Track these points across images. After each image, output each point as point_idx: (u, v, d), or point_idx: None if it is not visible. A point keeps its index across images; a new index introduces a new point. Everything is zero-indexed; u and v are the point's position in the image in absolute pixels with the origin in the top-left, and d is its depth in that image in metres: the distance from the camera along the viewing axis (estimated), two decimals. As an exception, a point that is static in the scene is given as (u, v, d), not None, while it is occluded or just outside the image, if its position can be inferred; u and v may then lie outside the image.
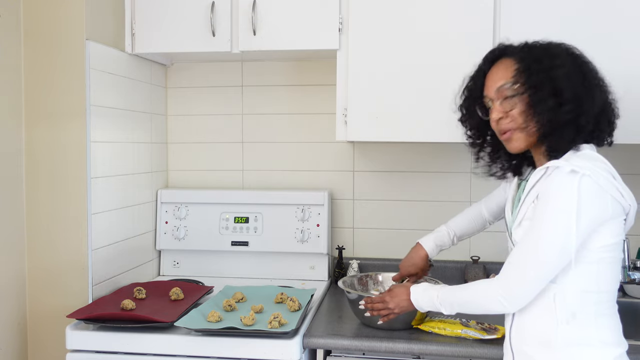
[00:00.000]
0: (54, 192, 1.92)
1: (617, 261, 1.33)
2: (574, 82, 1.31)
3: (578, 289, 1.30)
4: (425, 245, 1.75)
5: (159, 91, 2.43)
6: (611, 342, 1.32)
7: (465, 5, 1.90)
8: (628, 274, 2.00)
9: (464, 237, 1.78)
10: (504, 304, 1.32)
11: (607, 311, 1.33)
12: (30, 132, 1.92)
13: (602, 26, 1.82)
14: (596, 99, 1.33)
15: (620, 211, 1.30)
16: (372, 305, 1.65)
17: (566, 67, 1.32)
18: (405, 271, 1.79)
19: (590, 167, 1.25)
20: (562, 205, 1.25)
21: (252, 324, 1.68)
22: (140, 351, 1.70)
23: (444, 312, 1.44)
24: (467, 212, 1.79)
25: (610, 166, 1.31)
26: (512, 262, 1.33)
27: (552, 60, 1.33)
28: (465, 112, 1.50)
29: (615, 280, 1.34)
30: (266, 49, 2.06)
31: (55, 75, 1.90)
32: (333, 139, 2.14)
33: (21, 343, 1.94)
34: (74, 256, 1.91)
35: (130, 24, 2.11)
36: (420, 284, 1.54)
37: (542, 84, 1.31)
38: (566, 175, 1.25)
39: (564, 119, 1.30)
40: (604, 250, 1.29)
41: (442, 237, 1.75)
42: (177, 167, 2.52)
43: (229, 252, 2.36)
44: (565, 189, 1.25)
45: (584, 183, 1.24)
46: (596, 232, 1.28)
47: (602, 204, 1.26)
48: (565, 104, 1.29)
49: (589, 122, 1.32)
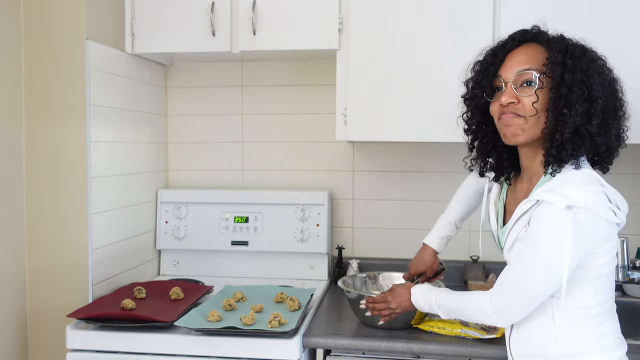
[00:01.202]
0: (55, 192, 1.92)
1: (613, 272, 1.31)
2: (607, 95, 1.24)
3: (578, 305, 1.28)
4: (430, 243, 1.74)
5: (159, 91, 2.44)
6: (611, 346, 1.31)
7: (465, 5, 1.90)
8: (628, 274, 1.99)
9: (465, 218, 1.76)
10: (495, 319, 1.31)
11: (606, 317, 1.31)
12: (31, 132, 1.92)
13: (602, 26, 1.82)
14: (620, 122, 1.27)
15: (614, 229, 1.26)
16: (373, 305, 1.64)
17: (602, 77, 1.25)
18: (414, 270, 1.77)
19: (585, 196, 1.19)
20: (555, 238, 1.20)
21: (252, 324, 1.68)
22: (140, 351, 1.70)
23: (442, 316, 1.44)
24: (460, 192, 1.75)
25: (602, 183, 1.25)
26: (504, 282, 1.29)
27: (590, 64, 1.25)
28: (473, 87, 1.38)
29: (612, 287, 1.33)
30: (266, 49, 2.06)
31: (55, 75, 1.90)
32: (333, 139, 2.14)
33: (21, 343, 1.94)
34: (74, 256, 1.91)
35: (131, 24, 2.12)
36: (422, 286, 1.53)
37: (578, 85, 1.22)
38: (560, 211, 1.18)
39: (590, 131, 1.22)
40: (602, 268, 1.27)
41: (444, 228, 1.74)
42: (177, 167, 2.52)
43: (229, 252, 2.36)
44: (558, 224, 1.19)
45: (579, 216, 1.18)
46: (592, 254, 1.24)
47: (596, 230, 1.22)
48: (596, 116, 1.22)
49: (604, 143, 1.25)
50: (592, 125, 1.23)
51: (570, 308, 1.28)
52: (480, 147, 1.43)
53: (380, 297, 1.64)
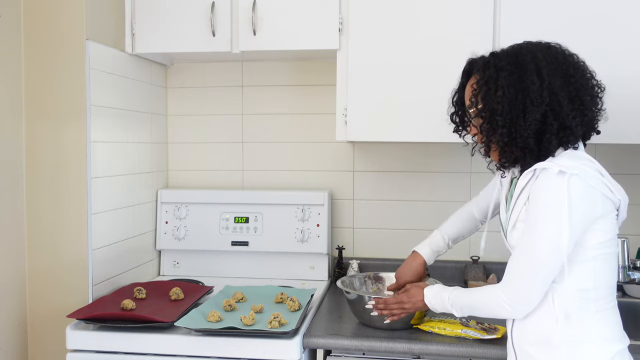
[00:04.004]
0: (54, 192, 1.92)
1: (612, 257, 1.33)
2: (508, 101, 1.31)
3: (575, 287, 1.30)
4: (421, 252, 1.74)
5: (159, 91, 2.43)
6: (611, 337, 1.32)
7: (465, 5, 1.90)
8: (628, 274, 1.99)
9: (458, 240, 1.76)
10: (509, 310, 1.33)
11: (606, 306, 1.33)
12: (31, 132, 1.92)
13: (604, 26, 1.82)
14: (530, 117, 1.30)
15: (611, 207, 1.30)
16: (385, 305, 1.64)
17: (503, 84, 1.32)
18: (402, 280, 1.74)
19: (577, 166, 1.26)
20: (553, 205, 1.25)
21: (252, 324, 1.68)
22: (140, 351, 1.70)
23: (456, 314, 1.45)
24: (458, 213, 1.77)
25: (597, 164, 1.31)
26: (512, 268, 1.33)
27: (495, 81, 1.33)
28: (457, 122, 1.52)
29: (612, 275, 1.34)
30: (266, 49, 2.06)
31: (55, 75, 1.90)
32: (333, 139, 2.14)
33: (21, 343, 1.94)
34: (74, 256, 1.91)
35: (131, 24, 2.12)
36: (434, 286, 1.54)
37: (483, 108, 1.34)
38: (554, 176, 1.26)
39: (503, 141, 1.33)
40: (598, 248, 1.30)
41: (437, 242, 1.74)
42: (177, 167, 2.52)
43: (229, 252, 2.36)
44: (554, 189, 1.25)
45: (572, 182, 1.24)
46: (589, 230, 1.28)
47: (591, 201, 1.27)
48: (498, 129, 1.33)
49: (527, 140, 1.31)
50: (502, 135, 1.33)
51: (569, 290, 1.30)
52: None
53: (394, 298, 1.63)
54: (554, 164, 1.26)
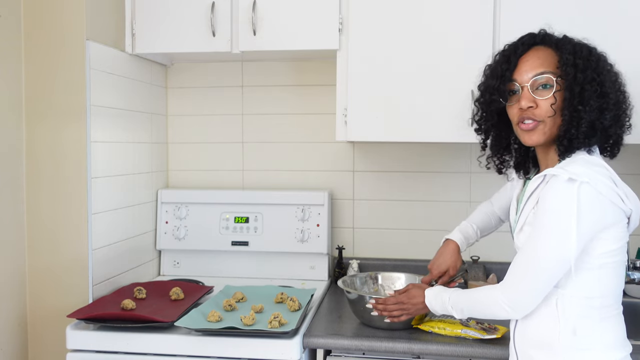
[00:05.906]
0: (54, 192, 1.92)
1: (620, 265, 1.32)
2: (616, 89, 1.31)
3: (581, 295, 1.29)
4: (453, 237, 1.71)
5: (159, 91, 2.43)
6: (614, 345, 1.31)
7: (465, 5, 1.90)
8: (628, 274, 1.99)
9: (485, 232, 1.75)
10: (508, 311, 1.32)
11: (611, 314, 1.32)
12: (31, 132, 1.92)
13: (603, 26, 1.81)
14: (628, 112, 1.33)
15: (621, 216, 1.28)
16: (384, 306, 1.64)
17: (611, 73, 1.32)
18: (436, 271, 1.70)
19: (588, 173, 1.24)
20: (561, 213, 1.24)
21: (252, 324, 1.68)
22: (140, 351, 1.70)
23: (456, 316, 1.45)
24: (481, 208, 1.76)
25: (611, 171, 1.29)
26: (514, 270, 1.32)
27: (598, 62, 1.31)
28: (490, 92, 1.39)
29: (619, 283, 1.33)
30: (266, 49, 2.06)
31: (55, 75, 1.90)
32: (333, 139, 2.14)
33: (21, 343, 1.94)
34: (74, 256, 1.91)
35: (131, 24, 2.12)
36: (435, 287, 1.54)
37: (590, 84, 1.28)
38: (564, 184, 1.23)
39: (604, 124, 1.29)
40: (606, 256, 1.28)
41: (467, 230, 1.72)
42: (177, 167, 2.52)
43: (229, 252, 2.36)
44: (563, 197, 1.23)
45: (582, 190, 1.22)
46: (597, 238, 1.26)
47: (601, 210, 1.25)
48: (609, 110, 1.29)
49: (617, 132, 1.32)
50: (605, 118, 1.29)
51: (573, 297, 1.29)
52: (495, 145, 1.48)
53: (393, 298, 1.63)
54: (564, 171, 1.24)
